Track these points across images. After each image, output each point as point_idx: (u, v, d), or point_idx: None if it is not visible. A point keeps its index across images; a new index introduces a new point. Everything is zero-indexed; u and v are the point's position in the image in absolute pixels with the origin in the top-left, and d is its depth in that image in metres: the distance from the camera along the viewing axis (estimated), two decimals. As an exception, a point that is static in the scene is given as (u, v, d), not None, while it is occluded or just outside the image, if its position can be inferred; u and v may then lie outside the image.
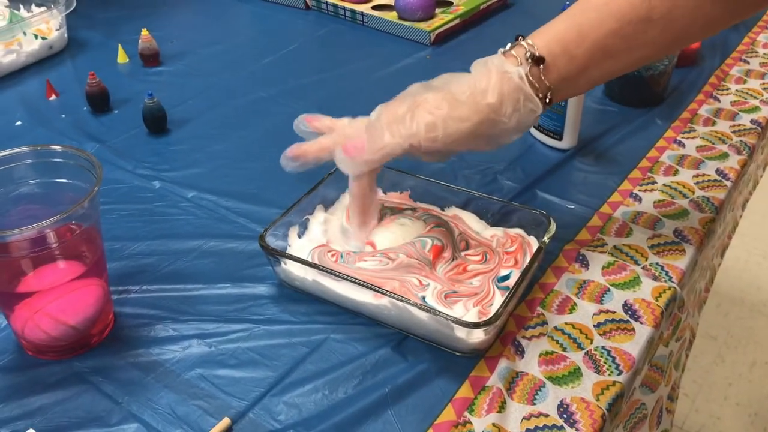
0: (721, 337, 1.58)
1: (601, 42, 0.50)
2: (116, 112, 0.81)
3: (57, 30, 0.95)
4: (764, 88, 0.84)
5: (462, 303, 0.51)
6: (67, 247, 0.47)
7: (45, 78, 0.86)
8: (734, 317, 1.64)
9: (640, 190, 0.67)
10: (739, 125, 0.77)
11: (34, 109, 0.83)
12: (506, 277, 0.54)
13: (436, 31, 0.95)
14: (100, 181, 0.46)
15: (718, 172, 0.69)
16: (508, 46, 0.52)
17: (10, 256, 0.45)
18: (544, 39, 0.51)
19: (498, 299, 0.52)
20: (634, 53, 0.52)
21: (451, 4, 1.03)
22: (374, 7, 1.03)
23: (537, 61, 0.50)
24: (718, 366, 1.52)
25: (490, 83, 0.50)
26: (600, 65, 0.52)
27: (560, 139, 0.72)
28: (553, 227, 0.55)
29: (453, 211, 0.61)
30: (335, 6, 1.04)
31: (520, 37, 0.52)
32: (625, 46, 0.51)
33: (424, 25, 0.96)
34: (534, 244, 0.56)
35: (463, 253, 0.56)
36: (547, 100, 0.51)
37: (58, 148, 0.49)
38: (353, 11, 1.02)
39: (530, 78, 0.50)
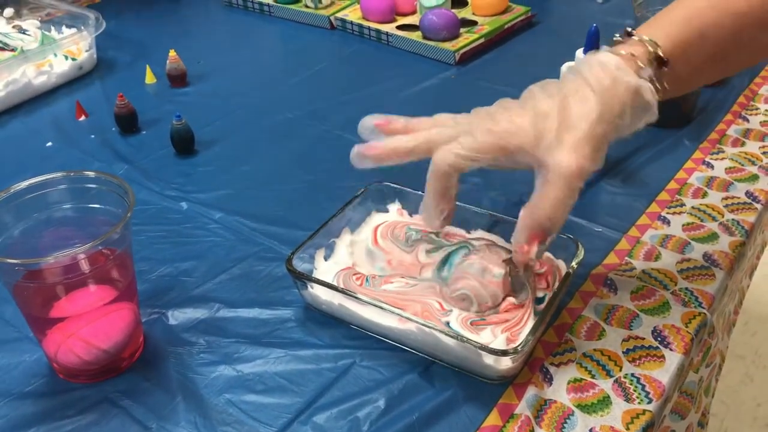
0: (749, 357, 1.56)
1: (719, 47, 0.48)
2: (144, 132, 0.83)
3: (87, 51, 0.96)
4: (794, 108, 0.83)
5: (490, 329, 0.51)
6: (100, 273, 0.48)
7: (75, 99, 0.88)
8: (762, 336, 1.61)
9: (668, 213, 0.66)
10: (769, 146, 0.76)
11: (64, 129, 0.84)
12: (542, 300, 0.53)
13: (461, 51, 0.96)
14: (132, 207, 0.47)
15: (748, 194, 0.68)
16: (617, 37, 0.49)
17: (45, 282, 0.46)
18: (667, 39, 0.47)
19: (527, 326, 0.51)
20: (743, 58, 0.50)
21: (476, 23, 1.03)
22: (399, 27, 1.03)
23: (661, 63, 0.47)
24: (746, 386, 1.49)
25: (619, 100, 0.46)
26: (710, 69, 0.50)
27: (587, 160, 0.71)
28: (581, 252, 0.54)
29: (479, 234, 0.61)
30: (360, 26, 1.05)
31: (631, 30, 0.48)
32: (737, 51, 0.49)
33: (448, 45, 0.96)
34: (562, 266, 0.56)
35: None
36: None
37: (91, 174, 0.50)
38: (378, 31, 1.03)
39: (656, 84, 0.47)
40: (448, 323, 0.51)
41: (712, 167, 0.73)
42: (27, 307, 0.48)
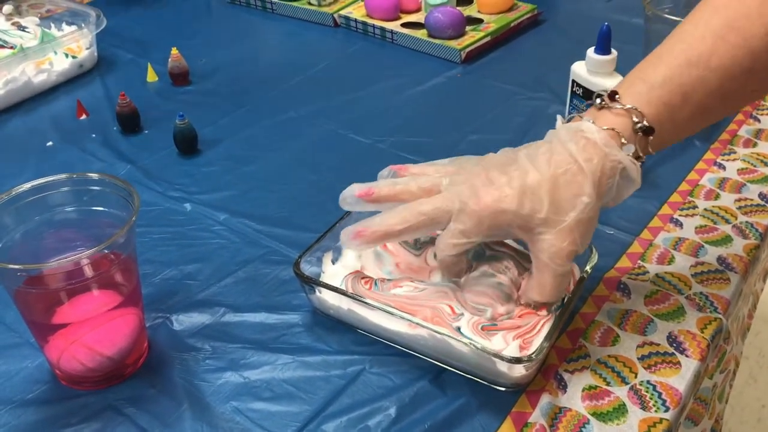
0: (752, 357, 1.55)
1: (703, 103, 0.47)
2: (146, 132, 0.81)
3: (87, 49, 0.95)
4: (805, 108, 0.82)
5: (502, 335, 0.50)
6: (104, 278, 0.46)
7: (75, 97, 0.87)
8: (767, 336, 1.60)
9: (680, 215, 0.65)
10: (781, 147, 0.75)
11: (65, 129, 0.83)
12: (562, 302, 0.52)
13: (467, 49, 0.94)
14: (137, 211, 0.45)
15: (761, 196, 0.67)
16: (597, 104, 0.48)
17: (47, 288, 0.44)
18: (651, 105, 0.46)
19: (541, 332, 0.50)
20: (727, 107, 0.49)
21: (482, 21, 1.02)
22: (404, 25, 1.02)
23: (647, 132, 0.46)
24: (750, 387, 1.48)
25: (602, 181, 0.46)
26: (695, 125, 0.49)
27: (597, 161, 0.70)
28: (595, 257, 0.53)
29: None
30: (364, 24, 1.03)
31: (616, 96, 0.47)
32: (722, 103, 0.48)
33: (454, 43, 0.95)
34: (576, 271, 0.55)
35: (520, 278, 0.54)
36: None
37: (94, 175, 0.49)
38: (382, 29, 1.01)
39: (639, 153, 0.47)
40: (459, 328, 0.50)
41: (724, 168, 0.71)
42: (29, 313, 0.46)
